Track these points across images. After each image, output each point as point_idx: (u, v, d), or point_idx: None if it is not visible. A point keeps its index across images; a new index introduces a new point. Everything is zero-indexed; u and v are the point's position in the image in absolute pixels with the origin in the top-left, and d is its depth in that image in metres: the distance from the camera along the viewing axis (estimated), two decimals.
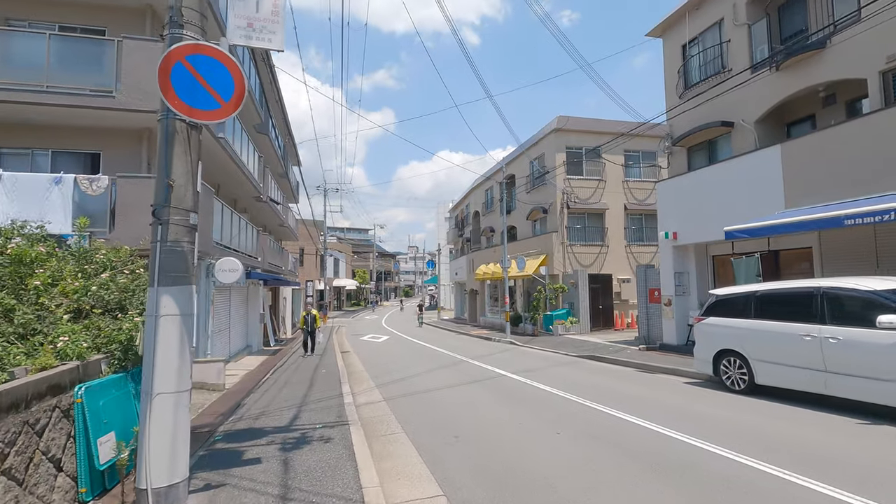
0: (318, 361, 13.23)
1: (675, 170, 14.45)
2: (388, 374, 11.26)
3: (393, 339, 21.60)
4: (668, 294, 13.83)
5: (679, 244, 13.57)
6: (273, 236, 24.51)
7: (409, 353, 15.82)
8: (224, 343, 13.25)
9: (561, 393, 8.34)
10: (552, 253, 20.72)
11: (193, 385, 9.10)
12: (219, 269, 10.65)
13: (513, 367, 11.77)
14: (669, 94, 14.63)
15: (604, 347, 14.77)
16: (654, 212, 22.14)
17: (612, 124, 21.24)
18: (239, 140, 13.68)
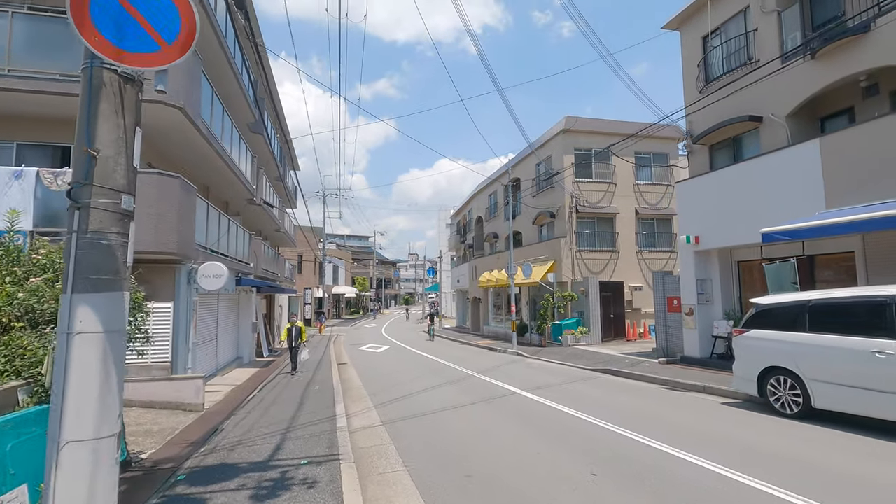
0: (312, 376, 12.20)
1: (695, 169, 13.51)
2: (388, 391, 10.23)
3: (393, 350, 20.55)
4: (690, 303, 12.83)
5: (701, 249, 12.59)
6: (269, 242, 23.56)
7: (411, 366, 14.77)
8: (210, 355, 12.23)
9: (585, 416, 7.31)
10: (560, 259, 19.73)
11: (167, 406, 8.11)
12: (202, 275, 9.68)
13: (524, 382, 10.75)
14: (688, 90, 13.72)
15: (619, 360, 13.74)
16: (666, 216, 21.26)
17: (621, 125, 20.35)
18: (229, 136, 12.77)
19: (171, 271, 9.27)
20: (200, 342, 11.38)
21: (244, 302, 16.18)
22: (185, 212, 8.89)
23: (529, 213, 22.75)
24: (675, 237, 21.15)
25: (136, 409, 7.75)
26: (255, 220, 19.75)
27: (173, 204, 8.45)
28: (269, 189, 19.60)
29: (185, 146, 10.45)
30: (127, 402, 7.71)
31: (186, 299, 9.62)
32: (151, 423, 6.96)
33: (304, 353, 13.05)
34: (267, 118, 19.50)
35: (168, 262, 9.12)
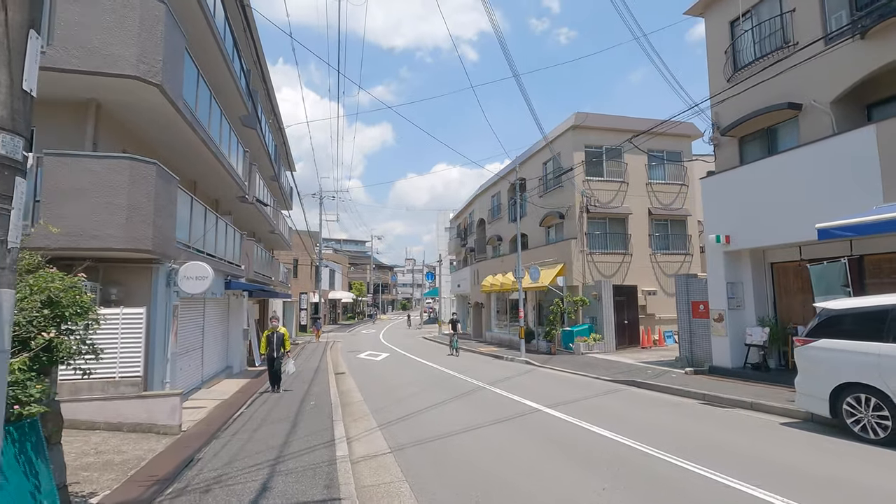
0: (307, 388, 11.07)
1: (723, 163, 12.52)
2: (393, 407, 9.11)
3: (393, 358, 19.42)
4: (719, 308, 11.80)
5: (732, 249, 11.58)
6: (263, 244, 22.44)
7: (415, 376, 13.65)
8: (194, 366, 11.09)
9: (630, 442, 6.22)
10: (570, 262, 18.70)
11: (137, 429, 6.96)
12: (183, 277, 8.57)
13: (543, 396, 9.66)
14: (714, 78, 12.76)
15: (640, 370, 12.68)
16: (680, 217, 20.29)
17: (633, 121, 19.42)
18: (217, 126, 11.69)
19: (148, 272, 8.16)
20: (183, 352, 10.25)
21: (234, 307, 15.05)
22: (163, 204, 7.79)
23: (536, 215, 21.74)
24: (689, 239, 20.20)
25: (101, 432, 6.62)
26: (248, 221, 18.64)
27: (148, 194, 7.36)
28: (262, 188, 18.52)
29: (166, 132, 9.36)
30: (90, 425, 6.59)
31: (165, 304, 8.50)
32: (115, 452, 5.83)
33: (290, 365, 11.02)
34: (261, 112, 18.45)
35: (143, 261, 8.01)
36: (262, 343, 10.86)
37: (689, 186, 20.45)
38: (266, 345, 10.75)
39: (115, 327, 6.96)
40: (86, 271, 8.14)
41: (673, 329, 19.17)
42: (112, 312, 7.02)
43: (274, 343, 10.68)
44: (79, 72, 7.10)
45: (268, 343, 10.73)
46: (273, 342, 10.67)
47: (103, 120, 8.29)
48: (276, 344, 10.67)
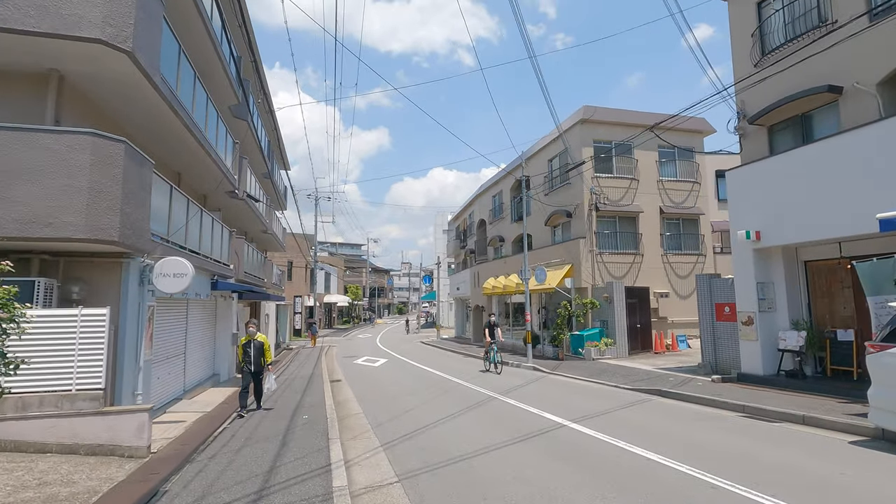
0: (300, 399, 10.03)
1: (750, 155, 11.64)
2: (397, 421, 8.10)
3: (392, 364, 18.39)
4: (748, 310, 10.88)
5: (762, 247, 10.68)
6: (255, 244, 21.40)
7: (417, 384, 12.63)
8: (175, 374, 10.04)
9: (687, 469, 5.24)
10: (579, 262, 17.76)
11: (97, 451, 5.89)
12: (159, 274, 7.54)
13: (563, 407, 8.68)
14: (739, 64, 11.90)
15: (661, 378, 11.73)
16: (692, 216, 19.41)
17: (643, 116, 18.54)
18: (203, 111, 10.70)
19: (117, 268, 7.14)
20: (162, 359, 9.21)
21: (223, 309, 14.00)
22: (133, 190, 6.78)
23: (541, 214, 20.81)
24: (702, 239, 19.33)
25: (52, 456, 5.57)
26: (239, 219, 17.60)
27: (114, 177, 6.35)
28: (254, 184, 17.50)
29: (143, 113, 8.36)
30: (39, 447, 5.55)
31: (138, 304, 7.47)
32: (63, 482, 4.80)
33: (271, 380, 8.89)
34: (253, 105, 17.47)
35: (111, 255, 6.99)
36: (238, 350, 8.95)
37: (701, 184, 19.61)
38: (242, 354, 8.78)
39: (72, 331, 5.93)
40: (44, 266, 7.15)
41: (687, 333, 18.29)
42: (67, 314, 5.99)
43: (252, 354, 8.71)
44: (33, 33, 6.10)
45: (244, 354, 8.75)
46: (250, 352, 8.71)
47: (68, 95, 7.27)
48: (255, 355, 8.73)
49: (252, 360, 8.72)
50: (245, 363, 8.78)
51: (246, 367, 8.75)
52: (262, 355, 8.86)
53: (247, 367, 8.74)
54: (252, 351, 8.73)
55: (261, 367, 8.84)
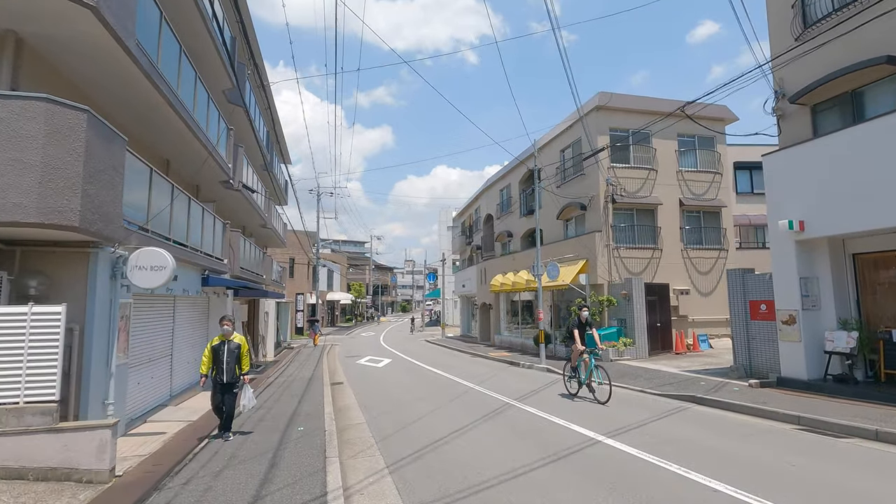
0: (297, 406, 9.10)
1: (790, 137, 10.61)
2: (404, 434, 7.16)
3: (396, 364, 17.47)
4: (790, 308, 9.88)
5: (805, 238, 9.68)
6: (254, 239, 20.51)
7: (425, 388, 11.69)
8: (159, 378, 9.13)
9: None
10: (594, 257, 16.76)
11: (49, 476, 4.75)
12: (134, 266, 6.62)
13: (590, 418, 7.72)
14: (777, 38, 10.86)
15: (691, 382, 10.75)
16: (713, 208, 18.36)
17: (662, 103, 17.52)
18: (192, 91, 9.77)
19: (83, 259, 6.22)
20: (141, 362, 8.30)
21: (216, 308, 13.08)
22: (100, 168, 5.85)
23: (552, 207, 19.79)
24: (724, 233, 18.29)
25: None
26: (236, 212, 16.70)
27: (75, 151, 5.41)
28: (252, 175, 16.59)
29: (116, 81, 7.41)
30: None
31: (108, 301, 6.55)
32: None
33: (248, 395, 6.95)
34: (250, 92, 16.53)
35: (75, 244, 6.06)
36: (205, 360, 6.91)
37: (722, 175, 18.57)
38: (211, 362, 6.85)
39: (20, 333, 5.01)
40: None
41: (708, 333, 17.29)
42: (13, 312, 5.07)
43: (224, 359, 6.76)
44: None
45: (214, 359, 6.83)
46: (222, 357, 6.78)
47: (28, 62, 6.34)
48: (229, 361, 6.78)
49: (225, 367, 6.78)
50: (216, 371, 6.82)
51: (216, 375, 6.82)
52: (238, 362, 6.88)
53: (218, 377, 6.79)
54: (225, 356, 6.81)
55: (235, 377, 6.84)
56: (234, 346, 6.91)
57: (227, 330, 6.99)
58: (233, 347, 6.89)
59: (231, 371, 6.83)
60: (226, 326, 7.04)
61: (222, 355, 6.82)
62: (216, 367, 6.85)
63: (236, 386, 6.89)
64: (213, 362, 6.87)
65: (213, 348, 6.89)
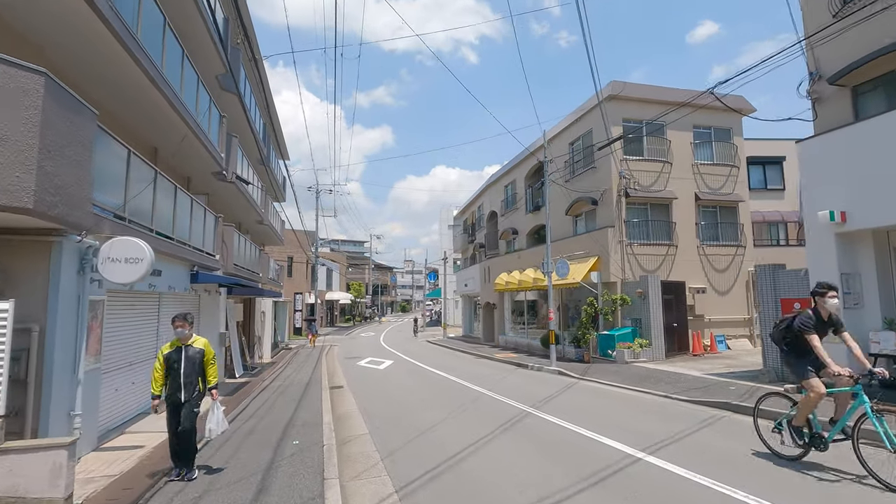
0: (293, 414, 8.27)
1: (828, 122, 9.82)
2: (413, 449, 6.35)
3: (399, 366, 16.65)
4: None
5: (847, 230, 8.89)
6: (250, 236, 19.70)
7: (431, 392, 10.88)
8: (140, 384, 8.30)
9: None
10: (607, 254, 15.96)
11: None
12: (105, 258, 5.81)
13: (619, 429, 6.92)
14: (812, 14, 10.08)
15: (718, 387, 9.94)
16: (730, 203, 17.56)
17: (677, 93, 16.71)
18: (178, 70, 8.96)
19: (44, 249, 5.40)
20: (120, 366, 7.49)
21: (208, 306, 12.27)
22: (63, 143, 5.04)
23: (561, 202, 18.99)
24: (741, 228, 17.50)
25: None
26: (231, 207, 15.87)
27: (29, 121, 4.60)
28: (247, 169, 15.77)
29: (92, 57, 6.61)
30: None
31: (76, 298, 5.73)
32: None
33: (217, 417, 5.32)
34: (245, 79, 15.72)
35: (33, 231, 5.25)
36: (156, 375, 5.23)
37: (739, 168, 17.78)
38: (164, 375, 5.19)
39: None
40: None
41: (726, 333, 16.51)
42: None
43: (181, 371, 5.13)
44: None
45: (168, 370, 5.18)
46: (181, 369, 5.13)
47: None
48: (188, 373, 5.15)
49: (183, 382, 5.10)
50: (171, 386, 5.13)
51: (170, 391, 5.13)
52: (202, 372, 5.27)
53: (174, 395, 5.11)
54: (182, 367, 5.13)
55: (198, 393, 5.21)
56: (195, 352, 5.25)
57: (182, 333, 5.27)
58: (192, 354, 5.22)
59: (192, 386, 5.16)
60: (179, 328, 5.27)
61: (178, 366, 5.16)
62: (171, 383, 5.15)
63: (196, 405, 5.21)
64: (167, 376, 5.19)
65: (166, 357, 5.19)
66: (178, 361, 5.19)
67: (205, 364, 5.30)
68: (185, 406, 5.13)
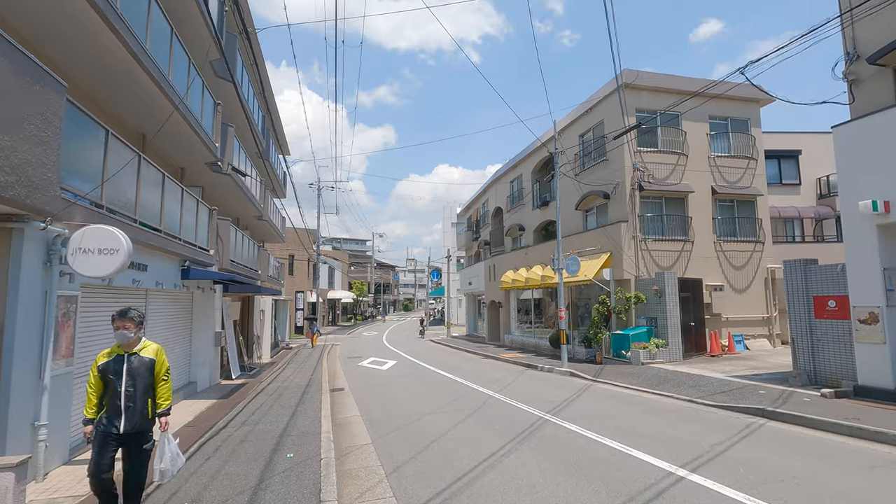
0: (289, 420, 7.62)
1: (867, 104, 9.12)
2: (421, 463, 5.69)
3: (402, 366, 16.00)
4: (870, 304, 8.37)
5: (890, 221, 8.18)
6: (249, 232, 19.08)
7: (437, 396, 10.22)
8: None
9: None
10: (620, 250, 15.27)
11: None
12: (76, 249, 5.16)
13: (648, 439, 6.24)
14: None
15: (746, 390, 9.25)
16: (748, 197, 16.82)
17: (693, 82, 16.01)
18: (167, 47, 8.31)
19: (4, 237, 4.75)
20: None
21: (202, 304, 11.63)
22: (19, 115, 4.39)
23: (570, 197, 18.29)
24: (759, 223, 16.78)
25: None
26: (229, 202, 15.25)
27: None
28: (245, 162, 15.12)
29: (60, 21, 5.95)
30: None
31: (42, 293, 5.08)
32: None
33: (171, 452, 3.91)
34: (242, 67, 15.06)
35: None
36: (90, 393, 3.86)
37: (757, 161, 17.05)
38: (99, 393, 3.86)
39: None
40: None
41: (744, 333, 15.80)
42: None
43: (122, 389, 3.78)
44: None
45: (104, 385, 3.85)
46: (120, 386, 3.79)
47: None
48: (131, 390, 3.80)
49: (123, 404, 3.75)
50: (107, 406, 3.79)
51: (110, 424, 3.74)
52: (150, 390, 3.92)
53: (111, 422, 3.74)
54: (125, 381, 3.79)
55: (146, 420, 3.86)
56: (142, 362, 3.87)
57: (124, 336, 3.86)
58: (138, 365, 3.84)
59: (137, 411, 3.76)
60: (120, 328, 3.87)
61: (119, 381, 3.75)
62: (107, 405, 3.78)
63: (146, 439, 3.87)
64: (103, 394, 3.83)
65: (101, 370, 3.81)
66: (118, 375, 3.77)
67: (154, 379, 3.95)
68: (128, 442, 3.75)
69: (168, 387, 4.08)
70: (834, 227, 22.01)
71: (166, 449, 3.91)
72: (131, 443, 3.80)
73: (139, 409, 3.82)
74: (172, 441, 4.02)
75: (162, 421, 3.97)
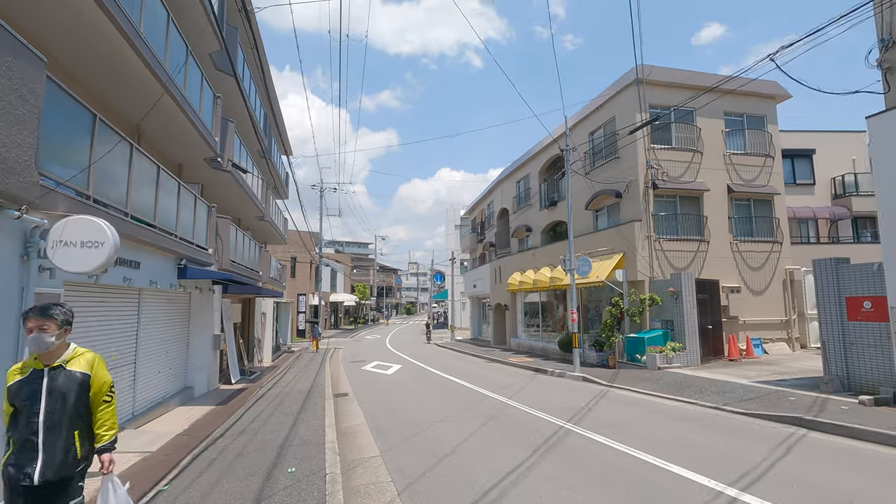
0: (290, 429, 7.10)
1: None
2: (434, 478, 5.17)
3: (408, 371, 15.46)
4: None
5: None
6: (251, 233, 18.59)
7: (447, 402, 9.68)
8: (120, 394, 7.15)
9: None
10: (633, 251, 14.73)
11: None
12: (56, 241, 4.67)
13: (682, 452, 5.70)
14: None
15: (775, 397, 8.70)
16: (765, 195, 16.27)
17: (708, 77, 15.52)
18: (163, 32, 7.85)
19: None
20: None
21: (200, 305, 11.15)
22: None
23: (581, 196, 17.76)
24: (777, 223, 16.23)
25: None
26: (229, 200, 14.76)
27: None
28: (246, 159, 14.67)
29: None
30: None
31: (15, 290, 4.59)
32: None
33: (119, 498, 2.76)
34: (243, 61, 14.62)
35: None
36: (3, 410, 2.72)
37: (774, 158, 16.52)
38: (13, 415, 2.67)
39: None
40: None
41: (763, 336, 15.24)
42: None
43: (39, 416, 2.62)
44: None
45: (19, 409, 2.65)
46: (38, 413, 2.62)
47: None
48: (53, 419, 2.65)
49: (41, 439, 2.62)
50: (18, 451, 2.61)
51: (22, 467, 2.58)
52: (84, 420, 2.80)
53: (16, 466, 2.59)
54: (44, 406, 2.65)
55: (74, 461, 2.70)
56: (71, 378, 2.76)
57: (41, 341, 2.70)
58: (62, 383, 2.73)
59: (61, 448, 2.67)
60: (36, 331, 2.72)
61: (34, 408, 2.65)
62: (18, 439, 2.64)
63: (74, 491, 2.75)
64: (14, 425, 2.68)
65: (12, 392, 2.69)
66: (34, 398, 2.66)
67: (91, 403, 2.83)
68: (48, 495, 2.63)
69: (112, 411, 2.88)
70: (850, 227, 21.44)
71: (112, 496, 2.72)
72: (52, 497, 2.62)
73: (63, 447, 2.65)
74: (121, 488, 2.80)
75: (104, 459, 2.80)
